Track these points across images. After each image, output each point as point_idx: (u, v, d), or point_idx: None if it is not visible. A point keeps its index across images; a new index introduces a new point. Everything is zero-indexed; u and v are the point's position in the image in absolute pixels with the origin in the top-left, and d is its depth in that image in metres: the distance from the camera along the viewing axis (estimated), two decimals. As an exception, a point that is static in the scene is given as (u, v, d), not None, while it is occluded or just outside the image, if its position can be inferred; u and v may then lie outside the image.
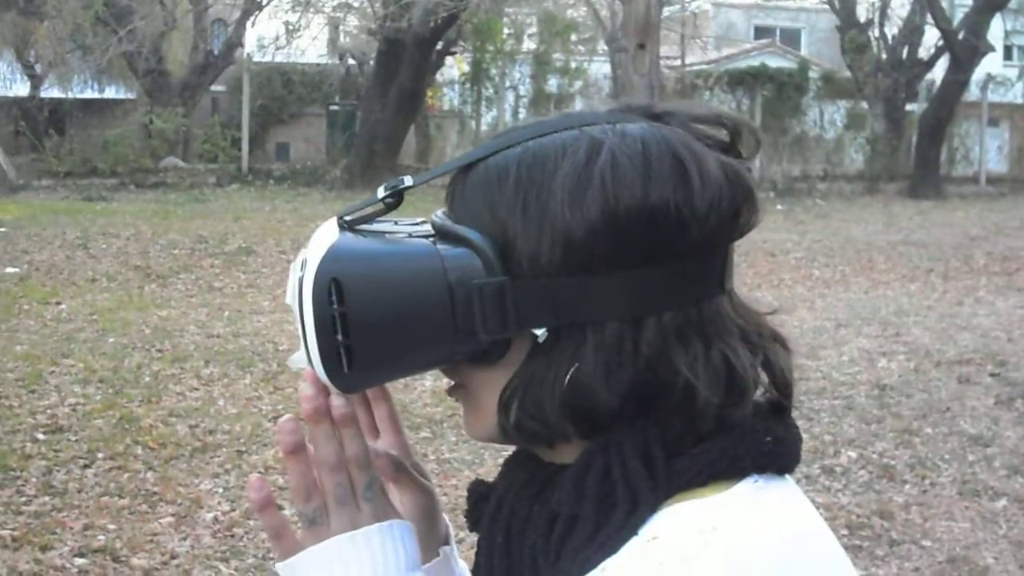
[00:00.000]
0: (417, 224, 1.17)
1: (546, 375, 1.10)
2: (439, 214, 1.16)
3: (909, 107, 30.16)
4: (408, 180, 1.17)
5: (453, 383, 1.19)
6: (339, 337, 1.08)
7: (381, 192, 1.17)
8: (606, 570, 1.04)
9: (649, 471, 1.08)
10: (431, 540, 1.34)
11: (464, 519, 1.28)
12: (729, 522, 1.04)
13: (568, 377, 1.08)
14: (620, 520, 1.07)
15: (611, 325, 1.09)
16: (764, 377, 1.15)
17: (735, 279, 1.22)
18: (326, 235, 1.12)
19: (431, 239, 1.12)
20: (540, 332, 1.09)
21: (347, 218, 1.15)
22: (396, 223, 1.17)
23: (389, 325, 1.09)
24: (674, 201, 1.08)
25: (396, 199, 1.16)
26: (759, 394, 1.14)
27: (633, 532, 1.06)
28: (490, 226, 1.10)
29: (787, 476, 1.14)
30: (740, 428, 1.11)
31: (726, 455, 1.09)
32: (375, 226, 1.16)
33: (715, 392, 1.09)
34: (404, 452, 1.33)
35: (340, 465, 1.16)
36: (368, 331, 1.09)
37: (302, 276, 1.10)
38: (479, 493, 1.25)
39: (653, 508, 1.07)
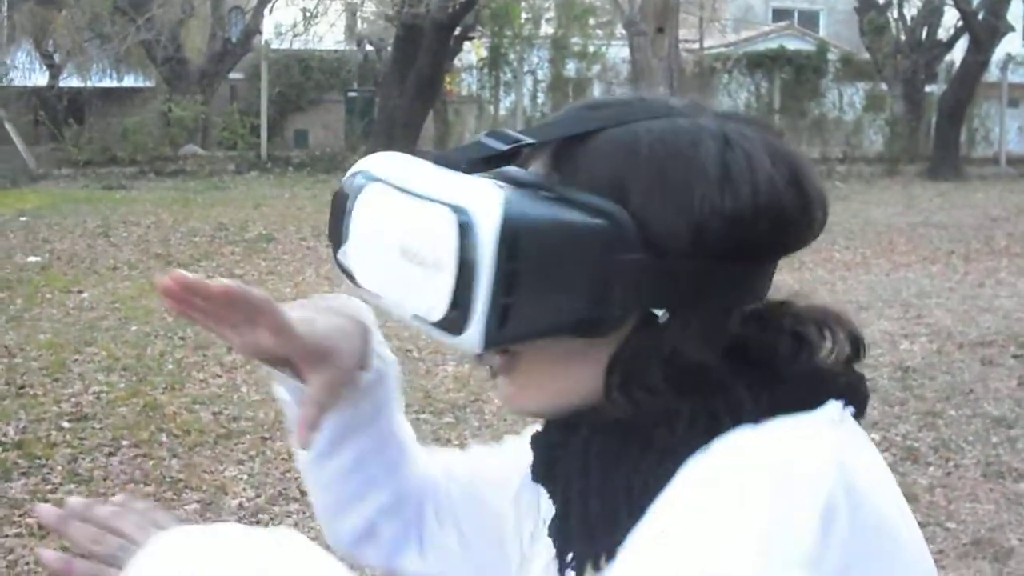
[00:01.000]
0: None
1: (654, 349, 1.12)
2: (542, 180, 1.13)
3: (928, 88, 30.03)
4: (526, 138, 1.16)
5: (506, 352, 1.18)
6: (505, 296, 1.06)
7: (493, 143, 1.16)
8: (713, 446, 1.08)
9: (749, 393, 1.12)
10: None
11: (530, 471, 1.27)
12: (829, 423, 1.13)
13: (673, 350, 1.12)
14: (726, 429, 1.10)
15: (713, 309, 1.13)
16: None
17: None
18: (473, 187, 1.08)
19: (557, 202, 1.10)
20: (661, 313, 1.12)
21: (508, 174, 1.12)
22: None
23: (546, 289, 1.08)
24: (795, 203, 1.15)
25: (511, 156, 1.15)
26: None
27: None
28: (619, 199, 1.10)
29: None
30: (817, 376, 1.17)
31: (809, 392, 1.15)
32: (525, 177, 1.12)
33: (796, 355, 1.16)
34: (290, 336, 1.27)
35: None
36: (530, 292, 1.07)
37: (469, 224, 1.05)
38: (555, 442, 1.23)
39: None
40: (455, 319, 1.07)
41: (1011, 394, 8.22)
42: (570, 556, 1.19)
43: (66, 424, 7.25)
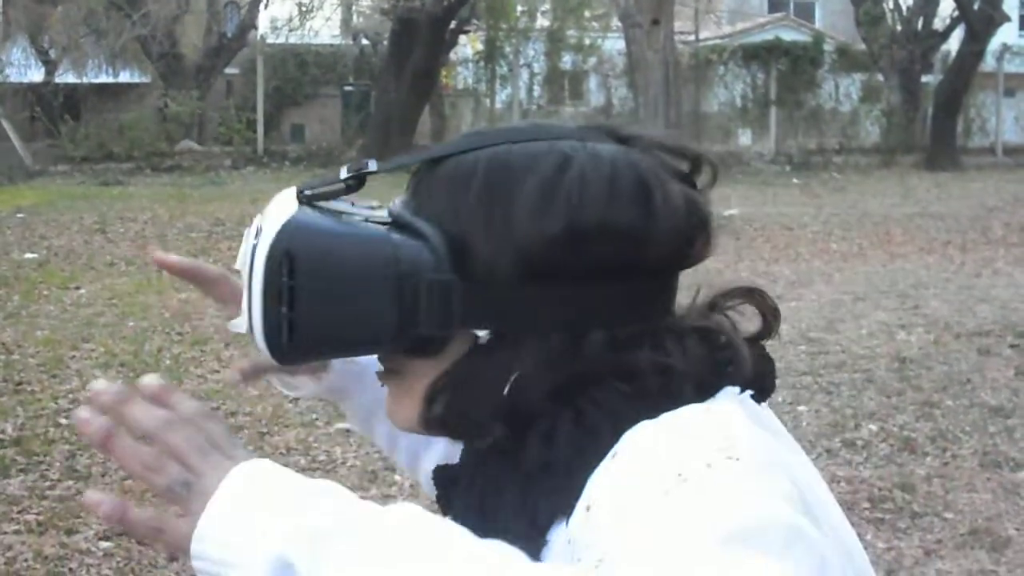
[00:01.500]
0: (374, 209, 1.17)
1: (482, 375, 1.14)
2: (398, 203, 1.18)
3: (925, 79, 30.03)
4: (372, 165, 1.18)
5: (385, 368, 1.22)
6: (284, 309, 1.10)
7: (344, 173, 1.18)
8: (618, 453, 1.05)
9: (625, 397, 1.11)
10: None
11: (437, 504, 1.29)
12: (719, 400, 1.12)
13: (508, 383, 1.12)
14: (606, 444, 1.08)
15: (555, 335, 1.12)
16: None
17: (754, 254, 1.27)
18: (284, 206, 1.13)
19: (387, 227, 1.13)
20: (483, 334, 1.13)
21: (307, 192, 1.15)
22: (353, 205, 1.17)
23: (334, 305, 1.11)
24: (636, 224, 1.12)
25: (358, 182, 1.17)
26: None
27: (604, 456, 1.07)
28: (449, 225, 1.12)
29: None
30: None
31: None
32: (333, 205, 1.15)
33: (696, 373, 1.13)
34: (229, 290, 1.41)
35: (178, 421, 1.02)
36: (313, 307, 1.10)
37: (256, 244, 1.11)
38: (448, 477, 1.27)
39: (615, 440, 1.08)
40: (251, 333, 1.13)
41: (1008, 384, 8.23)
42: None
43: (64, 420, 7.25)
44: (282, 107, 30.24)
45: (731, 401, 1.12)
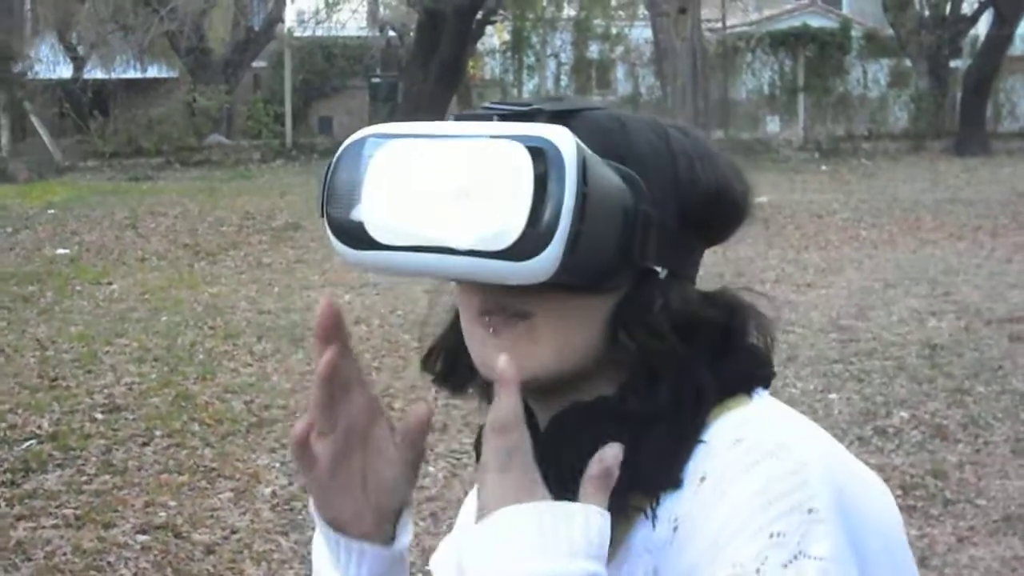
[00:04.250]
0: None
1: (656, 300, 1.21)
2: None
3: (953, 63, 29.84)
4: (523, 106, 1.22)
5: (511, 312, 1.20)
6: (577, 222, 1.09)
7: (511, 106, 1.22)
8: (707, 478, 1.17)
9: (711, 375, 1.23)
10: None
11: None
12: (782, 419, 1.23)
13: (669, 305, 1.22)
14: (688, 421, 1.20)
15: (689, 275, 1.29)
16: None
17: (783, 241, 1.40)
18: (526, 125, 1.14)
19: None
20: (661, 270, 1.22)
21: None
22: None
23: (600, 225, 1.13)
24: (742, 192, 1.29)
25: (517, 118, 1.20)
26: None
27: (699, 438, 1.20)
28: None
29: None
30: (747, 351, 1.29)
31: (749, 371, 1.28)
32: None
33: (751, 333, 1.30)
34: (378, 405, 1.23)
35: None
36: (591, 224, 1.11)
37: (546, 151, 1.09)
38: (551, 438, 1.26)
39: (707, 413, 1.22)
40: (531, 242, 1.09)
41: (1040, 370, 8.21)
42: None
43: (99, 415, 7.31)
44: (310, 100, 30.25)
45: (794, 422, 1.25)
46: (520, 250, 1.08)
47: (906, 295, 10.72)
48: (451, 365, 1.35)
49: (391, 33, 31.55)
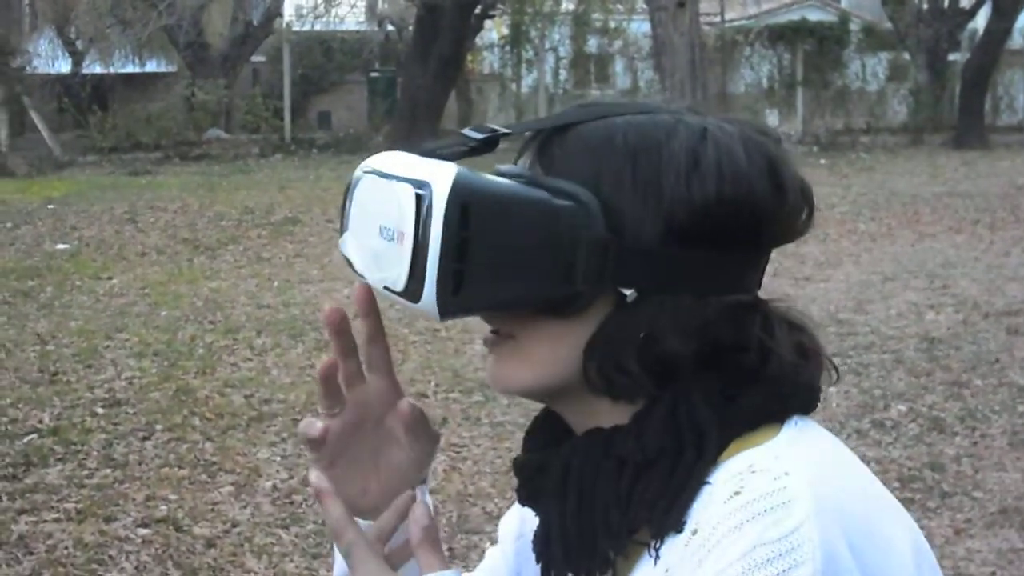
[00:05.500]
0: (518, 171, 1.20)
1: (628, 331, 1.17)
2: (519, 168, 1.21)
3: (952, 57, 29.84)
4: (503, 129, 1.22)
5: (499, 332, 1.23)
6: (456, 262, 1.11)
7: (472, 134, 1.22)
8: (699, 531, 1.11)
9: (713, 410, 1.16)
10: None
11: (516, 494, 1.30)
12: (796, 464, 1.12)
13: (646, 334, 1.16)
14: (689, 464, 1.14)
15: (685, 296, 1.17)
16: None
17: None
18: (434, 165, 1.14)
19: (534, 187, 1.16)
20: (629, 292, 1.17)
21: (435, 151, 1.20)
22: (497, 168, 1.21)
23: (500, 259, 1.13)
24: (767, 198, 1.19)
25: (489, 145, 1.22)
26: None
27: (704, 480, 1.13)
28: (592, 187, 1.16)
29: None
30: (775, 375, 1.20)
31: (774, 400, 1.19)
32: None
33: (787, 354, 1.21)
34: (398, 392, 1.31)
35: None
36: (482, 260, 1.12)
37: (423, 195, 1.12)
38: (535, 466, 1.26)
39: (717, 451, 1.15)
40: (415, 286, 1.12)
41: (1037, 363, 8.23)
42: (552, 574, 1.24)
43: (100, 410, 7.33)
44: (308, 94, 30.26)
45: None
46: (409, 293, 1.13)
47: (904, 288, 10.75)
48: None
49: (390, 27, 31.55)
